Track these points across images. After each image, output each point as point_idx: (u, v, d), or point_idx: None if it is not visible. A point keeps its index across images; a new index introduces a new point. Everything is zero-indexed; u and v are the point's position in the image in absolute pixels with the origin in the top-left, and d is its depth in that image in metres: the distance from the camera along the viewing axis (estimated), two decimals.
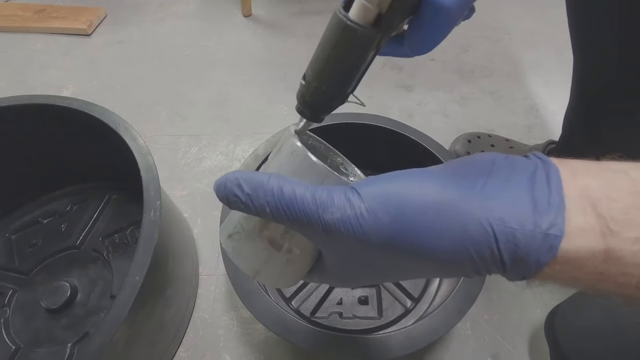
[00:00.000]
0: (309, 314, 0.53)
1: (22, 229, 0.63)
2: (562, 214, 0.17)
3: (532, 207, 0.17)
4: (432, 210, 0.18)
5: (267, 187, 0.21)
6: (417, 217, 0.18)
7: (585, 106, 0.53)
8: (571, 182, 0.18)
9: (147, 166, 0.46)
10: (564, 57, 0.91)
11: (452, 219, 0.18)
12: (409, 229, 0.18)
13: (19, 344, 0.52)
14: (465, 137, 0.69)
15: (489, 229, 0.17)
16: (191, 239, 0.62)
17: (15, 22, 1.04)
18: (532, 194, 0.17)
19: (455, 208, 0.18)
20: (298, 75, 0.25)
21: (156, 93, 0.88)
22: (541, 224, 0.17)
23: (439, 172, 0.20)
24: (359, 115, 0.59)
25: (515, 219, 0.17)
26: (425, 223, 0.18)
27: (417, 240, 0.18)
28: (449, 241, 0.18)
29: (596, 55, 0.46)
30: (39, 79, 0.92)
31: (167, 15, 1.08)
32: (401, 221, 0.19)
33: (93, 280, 0.57)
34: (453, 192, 0.18)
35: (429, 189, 0.19)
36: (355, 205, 0.19)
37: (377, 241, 0.19)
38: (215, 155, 0.76)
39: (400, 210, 0.19)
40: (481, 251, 0.17)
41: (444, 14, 0.22)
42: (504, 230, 0.17)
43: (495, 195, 0.18)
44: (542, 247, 0.17)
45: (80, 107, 0.52)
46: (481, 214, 0.17)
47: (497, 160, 0.20)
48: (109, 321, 0.37)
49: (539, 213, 0.17)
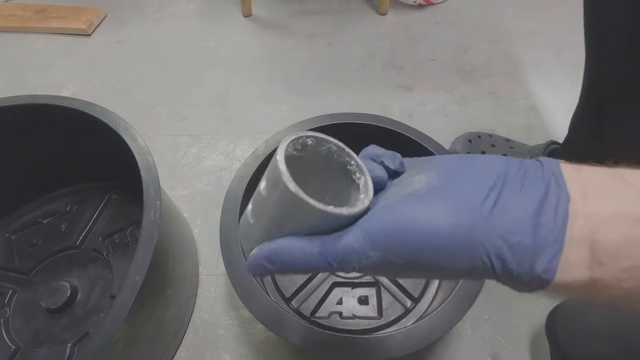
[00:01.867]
0: (309, 314, 0.53)
1: (22, 229, 0.63)
2: (558, 257, 0.18)
3: (533, 245, 0.18)
4: (443, 246, 0.19)
5: (289, 261, 0.23)
6: (431, 254, 0.20)
7: (594, 108, 0.52)
8: (579, 208, 0.18)
9: (147, 166, 0.46)
10: (564, 57, 0.91)
11: (462, 251, 0.19)
12: (422, 263, 0.20)
13: (19, 344, 0.52)
14: (466, 136, 0.69)
15: (489, 264, 0.19)
16: (191, 239, 0.62)
17: (15, 22, 1.04)
18: (535, 231, 0.18)
19: (465, 239, 0.19)
20: (298, 75, 0.25)
21: (156, 93, 0.88)
22: (536, 267, 0.18)
23: (446, 191, 0.21)
24: (359, 115, 0.59)
25: (515, 260, 0.18)
26: (438, 258, 0.20)
27: (430, 267, 0.20)
28: (459, 265, 0.20)
29: (608, 54, 0.46)
30: (39, 79, 0.92)
31: (167, 16, 1.08)
32: (415, 259, 0.20)
33: (93, 280, 0.57)
34: (464, 220, 0.19)
35: (439, 220, 0.19)
36: (369, 257, 0.21)
37: (389, 273, 0.22)
38: (215, 155, 0.76)
39: (412, 250, 0.20)
40: (484, 274, 0.20)
41: None
42: (503, 268, 0.19)
43: (501, 224, 0.19)
44: (533, 283, 0.19)
45: (80, 107, 0.52)
46: (489, 246, 0.19)
47: (509, 173, 0.20)
48: (109, 321, 0.37)
49: (537, 253, 0.18)
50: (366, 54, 0.95)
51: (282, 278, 0.57)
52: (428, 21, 1.03)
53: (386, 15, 1.05)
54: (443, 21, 1.02)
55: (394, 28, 1.02)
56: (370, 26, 1.03)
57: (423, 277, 0.21)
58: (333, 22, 1.04)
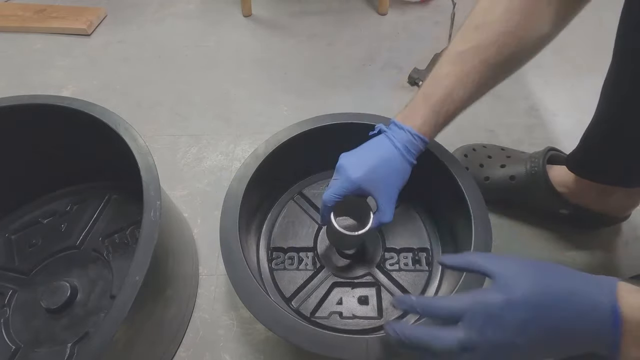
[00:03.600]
0: (309, 314, 0.53)
1: (22, 229, 0.63)
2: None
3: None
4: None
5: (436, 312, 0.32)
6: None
7: (616, 118, 0.49)
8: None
9: (147, 166, 0.46)
10: (564, 57, 0.91)
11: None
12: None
13: (19, 344, 0.52)
14: (462, 151, 0.68)
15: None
16: (191, 239, 0.62)
17: (15, 22, 1.04)
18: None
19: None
20: (298, 75, 0.25)
21: (156, 93, 0.88)
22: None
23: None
24: (359, 115, 0.59)
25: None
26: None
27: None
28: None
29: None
30: (39, 79, 0.92)
31: (167, 15, 1.08)
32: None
33: (93, 280, 0.57)
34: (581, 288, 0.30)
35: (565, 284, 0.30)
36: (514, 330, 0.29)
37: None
38: (215, 155, 0.76)
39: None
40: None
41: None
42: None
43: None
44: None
45: (80, 107, 0.52)
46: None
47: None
48: (109, 321, 0.37)
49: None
50: (366, 54, 0.95)
51: (282, 278, 0.57)
52: (428, 21, 1.03)
53: (386, 15, 1.05)
54: (443, 21, 1.02)
55: (394, 28, 1.02)
56: (370, 26, 1.03)
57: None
58: (333, 22, 1.04)
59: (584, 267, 0.60)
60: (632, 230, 0.64)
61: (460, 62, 0.43)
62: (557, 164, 0.60)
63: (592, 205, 0.58)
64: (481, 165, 0.65)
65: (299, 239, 0.60)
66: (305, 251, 0.59)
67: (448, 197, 0.54)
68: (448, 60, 0.44)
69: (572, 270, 0.31)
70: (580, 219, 0.61)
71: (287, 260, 0.58)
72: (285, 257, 0.59)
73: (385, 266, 0.57)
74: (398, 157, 0.45)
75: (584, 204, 0.58)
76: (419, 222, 0.61)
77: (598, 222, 0.61)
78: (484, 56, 0.43)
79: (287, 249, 0.59)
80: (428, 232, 0.60)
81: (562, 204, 0.59)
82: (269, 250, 0.59)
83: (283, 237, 0.61)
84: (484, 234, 0.47)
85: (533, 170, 0.60)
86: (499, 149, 0.68)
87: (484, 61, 0.43)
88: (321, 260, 0.58)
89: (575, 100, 0.83)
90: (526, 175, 0.60)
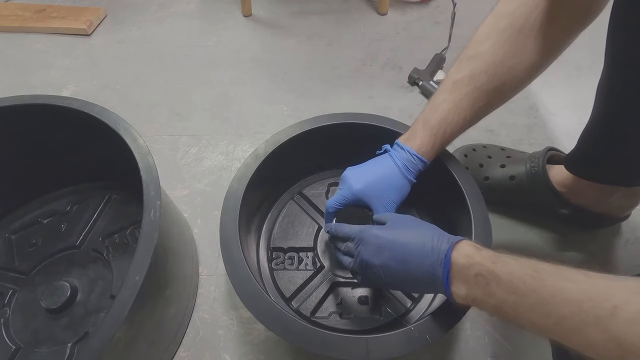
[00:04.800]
0: (309, 314, 0.53)
1: (22, 229, 0.63)
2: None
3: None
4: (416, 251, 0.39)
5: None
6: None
7: (611, 117, 0.50)
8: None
9: (147, 166, 0.46)
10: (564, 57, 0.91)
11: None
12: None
13: (19, 344, 0.52)
14: (462, 151, 0.68)
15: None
16: (191, 239, 0.62)
17: (15, 22, 1.04)
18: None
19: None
20: (298, 75, 0.25)
21: (156, 93, 0.88)
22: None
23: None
24: (359, 115, 0.59)
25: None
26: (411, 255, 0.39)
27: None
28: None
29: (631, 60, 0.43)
30: (39, 79, 0.92)
31: (167, 15, 1.08)
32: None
33: (93, 280, 0.57)
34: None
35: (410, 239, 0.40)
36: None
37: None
38: (215, 155, 0.76)
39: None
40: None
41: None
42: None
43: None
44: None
45: (80, 107, 0.52)
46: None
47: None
48: (109, 321, 0.37)
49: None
50: (366, 54, 0.95)
51: (282, 278, 0.57)
52: (428, 21, 1.03)
53: (386, 15, 1.05)
54: (443, 21, 1.02)
55: (394, 28, 1.02)
56: (370, 26, 1.03)
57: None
58: (333, 22, 1.04)
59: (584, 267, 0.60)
60: (632, 230, 0.64)
61: (456, 89, 0.47)
62: (557, 164, 0.60)
63: (592, 205, 0.58)
64: (481, 165, 0.65)
65: (299, 239, 0.60)
66: (305, 251, 0.59)
67: (448, 197, 0.54)
68: (445, 89, 0.49)
69: (436, 228, 0.41)
70: (580, 219, 0.61)
71: (287, 260, 0.58)
72: (285, 257, 0.59)
73: None
74: (398, 173, 0.49)
75: (584, 203, 0.58)
76: None
77: (598, 222, 0.61)
78: (477, 84, 0.46)
79: (287, 249, 0.59)
80: None
81: (562, 203, 0.59)
82: (269, 250, 0.59)
83: (283, 237, 0.61)
84: (484, 234, 0.47)
85: (533, 170, 0.60)
86: (499, 149, 0.68)
87: (476, 88, 0.47)
88: (321, 260, 0.58)
89: (575, 100, 0.83)
90: (526, 175, 0.60)
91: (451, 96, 0.48)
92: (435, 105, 0.49)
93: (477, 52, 0.46)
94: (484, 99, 0.47)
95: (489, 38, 0.46)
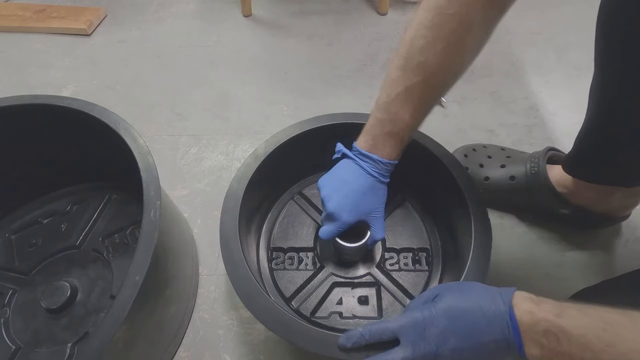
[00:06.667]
0: (309, 314, 0.53)
1: (22, 229, 0.63)
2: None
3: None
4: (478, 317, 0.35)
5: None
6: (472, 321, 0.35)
7: (605, 119, 0.50)
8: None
9: (147, 166, 0.46)
10: (564, 57, 0.91)
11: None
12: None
13: (19, 344, 0.52)
14: (462, 151, 0.68)
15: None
16: (191, 239, 0.62)
17: (15, 22, 1.04)
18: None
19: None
20: (298, 75, 0.25)
21: (156, 93, 0.88)
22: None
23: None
24: (359, 115, 0.59)
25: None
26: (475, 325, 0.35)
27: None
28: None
29: (621, 63, 0.44)
30: (39, 79, 0.92)
31: (167, 15, 1.08)
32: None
33: (93, 280, 0.57)
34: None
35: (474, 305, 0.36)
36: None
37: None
38: (215, 155, 0.76)
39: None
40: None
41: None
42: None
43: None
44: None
45: (80, 107, 0.52)
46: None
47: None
48: (109, 321, 0.37)
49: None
50: (366, 54, 0.95)
51: (282, 278, 0.57)
52: None
53: (386, 15, 1.05)
54: None
55: (394, 28, 1.02)
56: (370, 26, 1.03)
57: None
58: (333, 22, 1.04)
59: (584, 267, 0.60)
60: (632, 230, 0.64)
61: (402, 79, 0.45)
62: (557, 164, 0.60)
63: (592, 205, 0.58)
64: (481, 165, 0.65)
65: (299, 239, 0.60)
66: (305, 251, 0.59)
67: (448, 197, 0.54)
68: (390, 84, 0.46)
69: (481, 285, 0.38)
70: (580, 219, 0.61)
71: (287, 260, 0.58)
72: (285, 257, 0.59)
73: (385, 266, 0.57)
74: (376, 184, 0.49)
75: (584, 203, 0.58)
76: (419, 222, 0.61)
77: (598, 222, 0.61)
78: (429, 82, 0.45)
79: (287, 249, 0.59)
80: (428, 232, 0.60)
81: (562, 204, 0.59)
82: (269, 250, 0.59)
83: (283, 237, 0.61)
84: (484, 234, 0.47)
85: (533, 170, 0.60)
86: (499, 149, 0.68)
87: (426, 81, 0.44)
88: (321, 260, 0.58)
89: (575, 100, 0.82)
90: (526, 175, 0.60)
91: (408, 98, 0.45)
92: (394, 112, 0.46)
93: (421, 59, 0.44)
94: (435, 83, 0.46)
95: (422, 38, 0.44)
